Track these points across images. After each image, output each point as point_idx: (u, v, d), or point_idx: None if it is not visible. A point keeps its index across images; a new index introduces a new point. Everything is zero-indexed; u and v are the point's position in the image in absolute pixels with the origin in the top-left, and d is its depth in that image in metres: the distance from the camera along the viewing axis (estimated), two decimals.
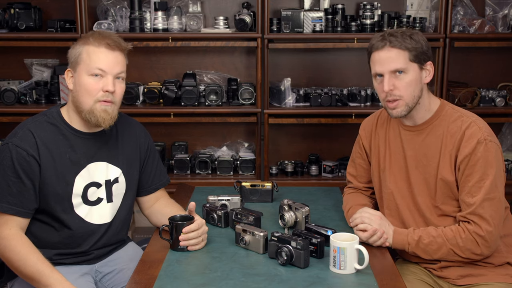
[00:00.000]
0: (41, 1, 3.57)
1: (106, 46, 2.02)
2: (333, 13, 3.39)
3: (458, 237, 2.02)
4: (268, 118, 3.43)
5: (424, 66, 2.07)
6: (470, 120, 2.07)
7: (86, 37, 2.07)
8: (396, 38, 2.03)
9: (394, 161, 2.21)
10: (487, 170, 2.00)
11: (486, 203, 2.00)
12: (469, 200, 2.02)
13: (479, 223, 2.00)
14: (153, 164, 2.31)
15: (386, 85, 2.06)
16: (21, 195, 1.99)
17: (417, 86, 2.06)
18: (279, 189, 2.63)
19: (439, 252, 2.05)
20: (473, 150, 2.01)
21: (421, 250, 2.07)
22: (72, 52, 2.07)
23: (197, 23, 3.44)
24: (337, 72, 3.72)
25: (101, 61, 2.01)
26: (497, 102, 3.47)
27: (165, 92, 3.41)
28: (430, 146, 2.11)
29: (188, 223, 2.05)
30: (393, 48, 2.04)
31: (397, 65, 2.04)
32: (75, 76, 2.04)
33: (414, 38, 2.04)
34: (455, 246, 2.02)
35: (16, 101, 3.41)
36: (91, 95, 2.02)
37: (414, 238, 2.06)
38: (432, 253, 2.06)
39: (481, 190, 2.00)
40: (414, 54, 2.04)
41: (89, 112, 2.03)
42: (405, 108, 2.07)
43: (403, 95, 2.05)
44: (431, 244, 2.05)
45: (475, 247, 2.01)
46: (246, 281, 1.83)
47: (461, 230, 2.02)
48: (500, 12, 3.47)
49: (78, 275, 2.10)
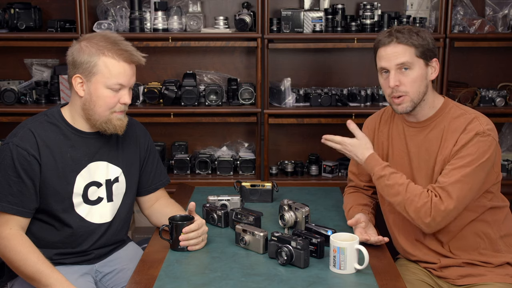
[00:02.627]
0: (41, 1, 3.57)
1: (126, 60, 2.01)
2: (333, 13, 3.39)
3: (419, 197, 2.02)
4: (268, 118, 3.43)
5: (430, 63, 2.09)
6: (473, 116, 2.08)
7: (97, 45, 1.99)
8: (403, 35, 2.06)
9: (397, 158, 2.21)
10: (474, 160, 2.01)
11: (458, 184, 2.00)
12: (444, 179, 2.02)
13: (443, 198, 2.00)
14: (153, 163, 2.31)
15: (392, 80, 2.07)
16: (21, 195, 1.99)
17: (422, 82, 2.08)
18: (279, 189, 2.63)
19: (394, 197, 2.07)
20: (470, 140, 2.02)
21: (380, 186, 2.10)
22: (81, 57, 2.00)
23: (197, 23, 3.44)
24: (337, 72, 3.72)
25: (121, 76, 2.01)
26: (497, 102, 3.47)
27: (165, 92, 3.41)
28: (432, 141, 2.12)
29: (188, 223, 2.05)
30: (400, 44, 2.06)
31: (403, 59, 2.06)
32: (89, 85, 2.02)
33: (420, 35, 2.07)
34: (410, 202, 2.02)
35: (16, 101, 3.41)
36: (109, 107, 2.03)
37: (380, 173, 2.09)
38: (388, 195, 2.09)
39: (460, 173, 2.00)
40: (421, 50, 2.06)
41: (105, 122, 2.05)
42: (410, 104, 2.09)
43: (408, 91, 2.07)
44: (391, 187, 2.06)
45: (426, 216, 2.01)
46: (246, 281, 1.83)
47: (426, 195, 2.02)
48: (500, 12, 3.47)
49: (78, 275, 2.10)
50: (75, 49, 2.03)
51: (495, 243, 2.13)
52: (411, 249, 2.19)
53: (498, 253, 2.12)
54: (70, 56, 2.04)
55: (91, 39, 2.03)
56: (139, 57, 2.05)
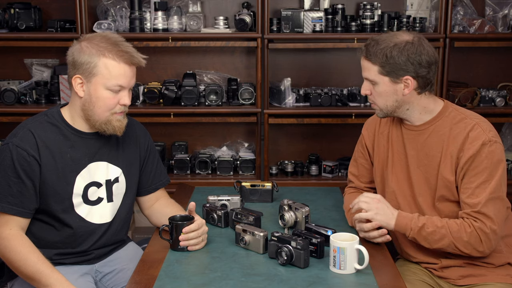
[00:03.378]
0: (41, 1, 3.57)
1: (126, 61, 2.01)
2: (333, 13, 3.39)
3: (463, 231, 2.00)
4: (268, 118, 3.43)
5: (397, 80, 2.06)
6: (474, 122, 2.06)
7: (98, 46, 1.99)
8: (371, 50, 2.06)
9: (396, 160, 2.21)
10: (492, 172, 2.01)
11: (490, 202, 2.00)
12: (473, 201, 2.01)
13: (484, 221, 1.99)
14: (153, 163, 2.31)
15: (362, 89, 2.16)
16: (21, 195, 1.99)
17: (389, 97, 2.09)
18: (279, 189, 2.63)
19: (440, 242, 2.03)
20: (478, 151, 2.01)
21: (423, 237, 2.05)
22: (81, 58, 2.00)
23: (197, 23, 3.44)
24: (337, 72, 3.72)
25: (121, 77, 2.01)
26: (497, 102, 3.47)
27: (165, 92, 3.41)
28: (432, 146, 2.11)
29: (188, 223, 2.05)
30: (365, 60, 2.10)
31: (366, 75, 2.11)
32: (89, 86, 2.02)
33: (391, 53, 2.02)
34: (458, 240, 2.01)
35: (16, 101, 3.41)
36: (108, 109, 2.03)
37: (418, 225, 2.04)
38: (433, 242, 2.04)
39: (486, 190, 2.00)
40: (384, 68, 2.05)
41: (105, 123, 2.05)
42: (380, 112, 2.17)
43: (375, 101, 2.14)
44: (434, 234, 2.03)
45: (478, 244, 2.01)
46: (246, 281, 1.83)
47: (467, 225, 2.01)
48: (500, 12, 3.47)
49: (78, 275, 2.10)
50: (76, 49, 2.03)
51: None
52: (412, 251, 2.19)
53: (499, 253, 2.12)
54: (71, 56, 2.04)
55: (91, 39, 2.03)
56: (140, 58, 2.05)
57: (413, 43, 2.04)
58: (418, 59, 2.03)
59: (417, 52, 2.03)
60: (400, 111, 2.12)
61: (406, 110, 2.12)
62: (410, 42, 2.04)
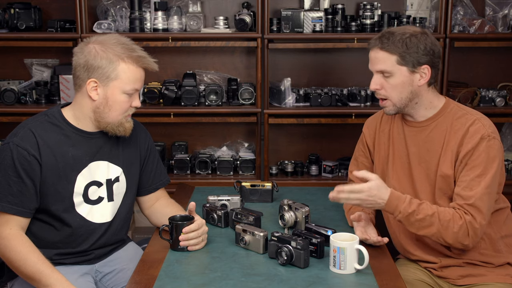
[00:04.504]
0: (41, 1, 3.57)
1: (143, 66, 2.07)
2: (333, 13, 3.39)
3: (453, 222, 1.99)
4: (268, 118, 3.44)
5: (415, 70, 2.06)
6: (474, 117, 2.08)
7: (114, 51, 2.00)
8: (388, 40, 2.04)
9: (397, 158, 2.21)
10: (488, 165, 2.01)
11: (485, 197, 2.00)
12: (467, 193, 2.01)
13: (475, 215, 1.99)
14: (153, 163, 2.31)
15: (372, 84, 2.12)
16: (21, 195, 1.99)
17: (405, 89, 2.07)
18: (279, 189, 2.63)
19: (427, 229, 2.01)
20: (476, 145, 2.02)
21: (410, 223, 2.02)
22: (98, 62, 1.99)
23: (197, 23, 3.44)
24: (337, 72, 3.72)
25: (138, 82, 2.07)
26: (497, 102, 3.47)
27: (165, 92, 3.41)
28: (433, 142, 2.11)
29: (188, 223, 2.05)
30: (381, 50, 2.06)
31: (382, 67, 2.07)
32: (105, 89, 2.02)
33: (410, 41, 2.03)
34: (447, 229, 1.99)
35: (16, 101, 3.41)
36: (123, 111, 2.07)
37: (408, 210, 2.00)
38: (420, 228, 2.02)
39: (481, 184, 2.00)
40: (404, 58, 2.04)
41: (117, 125, 2.08)
42: (393, 108, 2.12)
43: (388, 96, 2.10)
44: (423, 221, 2.00)
45: (465, 237, 2.00)
46: (246, 281, 1.83)
47: (458, 217, 1.99)
48: (500, 12, 3.47)
49: (78, 275, 2.10)
50: (89, 53, 2.01)
51: (496, 244, 2.13)
52: (412, 248, 2.19)
53: (499, 253, 2.12)
54: (83, 59, 2.01)
55: (104, 43, 2.02)
56: (154, 64, 2.11)
57: (427, 34, 2.08)
58: (434, 48, 2.07)
59: (432, 42, 2.07)
60: (411, 105, 2.11)
61: (415, 104, 2.11)
62: (424, 33, 2.07)
